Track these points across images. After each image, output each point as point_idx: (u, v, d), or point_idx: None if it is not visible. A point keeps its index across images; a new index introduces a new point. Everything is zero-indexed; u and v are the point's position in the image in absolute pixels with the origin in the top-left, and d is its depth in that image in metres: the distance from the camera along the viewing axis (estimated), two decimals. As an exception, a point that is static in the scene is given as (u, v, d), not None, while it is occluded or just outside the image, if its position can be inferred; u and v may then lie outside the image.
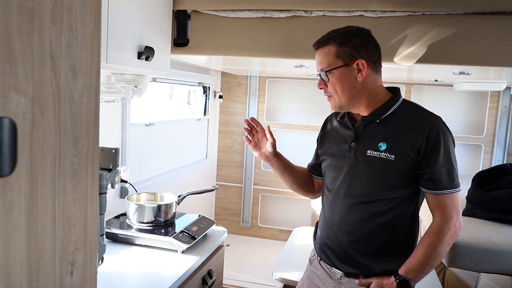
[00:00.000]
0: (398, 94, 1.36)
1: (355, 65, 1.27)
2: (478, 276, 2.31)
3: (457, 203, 1.28)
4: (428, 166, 1.25)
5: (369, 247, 1.33)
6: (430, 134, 1.25)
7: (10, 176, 0.48)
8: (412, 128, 1.27)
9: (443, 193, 1.27)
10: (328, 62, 1.29)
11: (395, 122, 1.30)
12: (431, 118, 1.28)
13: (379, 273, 1.33)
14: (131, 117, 2.22)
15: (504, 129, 3.24)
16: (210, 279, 1.60)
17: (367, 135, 1.33)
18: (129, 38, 1.46)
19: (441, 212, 1.28)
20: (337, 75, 1.29)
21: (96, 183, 0.66)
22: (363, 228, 1.32)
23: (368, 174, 1.31)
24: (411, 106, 1.35)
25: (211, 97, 3.42)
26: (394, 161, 1.27)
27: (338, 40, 1.28)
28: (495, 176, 2.04)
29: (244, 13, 1.72)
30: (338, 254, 1.38)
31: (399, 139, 1.27)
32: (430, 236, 1.28)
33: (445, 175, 1.26)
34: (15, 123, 0.48)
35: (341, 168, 1.37)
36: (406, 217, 1.32)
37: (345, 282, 1.37)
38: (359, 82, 1.29)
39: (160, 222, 1.67)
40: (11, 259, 0.50)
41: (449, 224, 1.27)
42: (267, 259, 3.23)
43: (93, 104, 0.64)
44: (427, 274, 1.32)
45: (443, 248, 1.27)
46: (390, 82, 3.32)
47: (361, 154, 1.32)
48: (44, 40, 0.52)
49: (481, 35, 1.55)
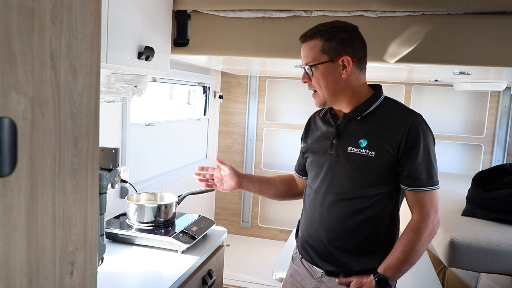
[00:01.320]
0: (380, 91, 1.36)
1: (340, 62, 1.27)
2: (478, 276, 2.31)
3: (436, 201, 1.28)
4: (408, 163, 1.25)
5: (350, 244, 1.33)
6: (410, 131, 1.25)
7: (10, 176, 0.48)
8: (393, 125, 1.27)
9: (421, 190, 1.27)
10: (314, 57, 1.29)
11: (376, 119, 1.31)
12: (412, 116, 1.28)
13: (359, 272, 1.33)
14: (131, 117, 2.22)
15: (504, 129, 3.23)
16: (210, 279, 1.60)
17: (349, 132, 1.33)
18: (129, 38, 1.46)
19: (420, 210, 1.28)
20: (321, 70, 1.29)
21: (96, 183, 0.66)
22: (343, 225, 1.33)
23: (348, 171, 1.31)
24: (392, 104, 1.35)
25: (211, 97, 3.42)
26: (374, 158, 1.27)
27: (325, 34, 1.27)
28: (495, 176, 2.04)
29: (244, 13, 1.72)
30: (319, 251, 1.38)
31: (379, 136, 1.28)
32: (408, 234, 1.28)
33: (424, 172, 1.26)
34: (15, 123, 0.48)
35: (323, 165, 1.37)
36: (386, 215, 1.33)
37: (326, 280, 1.38)
38: (343, 79, 1.28)
39: (160, 222, 1.67)
40: (11, 259, 0.50)
41: (427, 221, 1.27)
42: (267, 259, 3.23)
43: (93, 104, 0.64)
44: (407, 272, 1.31)
45: (421, 245, 1.27)
46: (390, 82, 3.32)
47: (342, 151, 1.32)
48: (44, 40, 0.52)
49: (481, 35, 1.55)
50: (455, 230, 1.77)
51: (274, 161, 3.71)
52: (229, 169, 1.56)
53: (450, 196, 2.31)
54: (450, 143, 3.35)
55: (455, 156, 3.38)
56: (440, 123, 3.32)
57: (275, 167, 3.68)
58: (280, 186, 1.61)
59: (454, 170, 3.35)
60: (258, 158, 3.68)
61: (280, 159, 3.68)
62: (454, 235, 1.73)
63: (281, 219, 3.71)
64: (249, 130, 3.67)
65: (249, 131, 3.67)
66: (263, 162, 3.70)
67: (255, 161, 3.69)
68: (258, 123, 3.65)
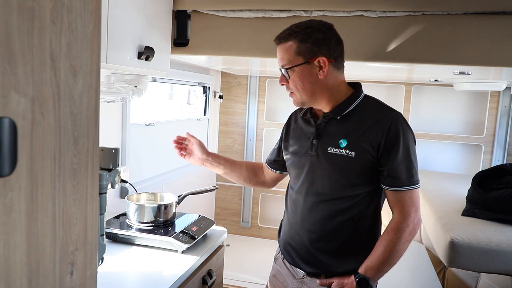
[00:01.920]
0: (360, 90, 1.35)
1: (316, 62, 1.25)
2: (478, 276, 2.31)
3: (416, 200, 1.28)
4: (387, 163, 1.25)
5: (331, 245, 1.33)
6: (389, 131, 1.24)
7: (10, 176, 0.48)
8: (372, 124, 1.26)
9: (401, 189, 1.26)
10: (289, 59, 1.27)
11: (356, 118, 1.29)
12: (391, 114, 1.27)
13: (341, 273, 1.32)
14: (131, 117, 2.22)
15: (504, 129, 3.23)
16: (210, 279, 1.60)
17: (329, 132, 1.32)
18: (129, 38, 1.46)
19: (400, 209, 1.27)
20: (298, 72, 1.27)
21: (96, 183, 0.66)
22: (324, 226, 1.32)
23: (329, 171, 1.30)
24: (372, 102, 1.33)
25: (211, 97, 3.42)
26: (354, 158, 1.26)
27: (299, 36, 1.25)
28: (495, 176, 2.04)
29: (244, 13, 1.72)
30: (300, 253, 1.38)
31: (359, 135, 1.27)
32: (389, 234, 1.27)
33: (404, 171, 1.25)
34: (15, 123, 0.48)
35: (303, 166, 1.36)
36: (367, 215, 1.32)
37: (308, 281, 1.38)
38: (321, 80, 1.27)
39: (160, 222, 1.67)
40: (11, 259, 0.50)
41: (407, 221, 1.26)
42: (267, 259, 3.22)
43: (93, 104, 0.64)
44: (387, 271, 1.31)
45: (402, 245, 1.26)
46: (390, 82, 3.32)
47: (322, 151, 1.31)
48: (44, 40, 0.52)
49: (481, 35, 1.55)
50: (455, 230, 1.77)
51: (274, 161, 3.70)
52: (197, 143, 1.60)
53: (450, 196, 2.32)
54: (450, 143, 3.35)
55: (455, 156, 3.38)
56: (440, 123, 3.32)
57: (275, 167, 3.68)
58: (245, 171, 1.63)
59: (454, 170, 3.35)
60: (258, 158, 3.68)
61: (280, 159, 3.68)
62: (454, 235, 1.73)
63: (281, 219, 3.71)
64: (249, 130, 3.67)
65: (249, 131, 3.67)
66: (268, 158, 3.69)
67: (255, 161, 3.69)
68: (258, 123, 3.65)
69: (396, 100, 3.36)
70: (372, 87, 3.37)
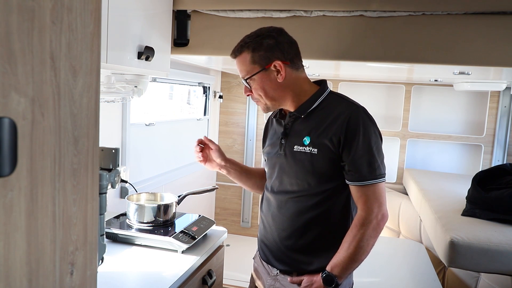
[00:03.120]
0: (325, 87, 1.36)
1: (273, 67, 1.28)
2: (478, 276, 2.31)
3: (380, 195, 1.26)
4: (348, 157, 1.25)
5: (301, 242, 1.33)
6: (349, 124, 1.24)
7: (10, 176, 0.48)
8: (333, 119, 1.27)
9: (363, 184, 1.25)
10: (247, 70, 1.31)
11: (319, 115, 1.31)
12: (351, 108, 1.27)
13: (313, 271, 1.32)
14: (131, 117, 2.22)
15: (504, 129, 3.23)
16: (210, 279, 1.60)
17: (295, 131, 1.34)
18: (129, 38, 1.46)
19: (363, 204, 1.26)
20: (257, 81, 1.30)
21: (96, 183, 0.66)
22: (294, 224, 1.33)
23: (295, 169, 1.32)
24: (336, 98, 1.34)
25: (211, 97, 3.42)
26: (317, 154, 1.27)
27: (251, 45, 1.28)
28: (495, 176, 2.04)
29: (244, 13, 1.72)
30: (273, 251, 1.40)
31: (321, 132, 1.28)
32: (353, 230, 1.26)
33: (365, 165, 1.24)
34: (15, 123, 0.48)
35: (274, 165, 1.39)
36: (337, 211, 1.32)
37: (281, 279, 1.39)
38: (281, 83, 1.29)
39: (160, 222, 1.67)
40: (11, 259, 0.50)
41: (370, 216, 1.25)
42: (267, 259, 3.22)
43: (93, 104, 0.64)
44: (353, 269, 1.31)
45: (366, 241, 1.25)
46: (390, 82, 3.32)
47: (289, 150, 1.33)
48: (44, 40, 0.52)
49: (481, 35, 1.55)
50: (455, 230, 1.77)
51: (274, 161, 3.70)
52: (216, 149, 1.55)
53: (450, 196, 2.32)
54: (450, 143, 3.35)
55: (455, 156, 3.38)
56: (440, 123, 3.32)
57: (275, 167, 3.68)
58: (259, 180, 1.61)
59: (454, 170, 3.35)
60: (258, 158, 3.68)
61: (280, 159, 3.68)
62: (454, 235, 1.73)
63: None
64: (249, 130, 3.67)
65: (249, 131, 3.67)
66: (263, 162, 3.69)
67: (255, 161, 3.69)
68: (258, 123, 3.65)
69: (396, 100, 3.36)
70: (372, 87, 3.37)
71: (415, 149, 3.39)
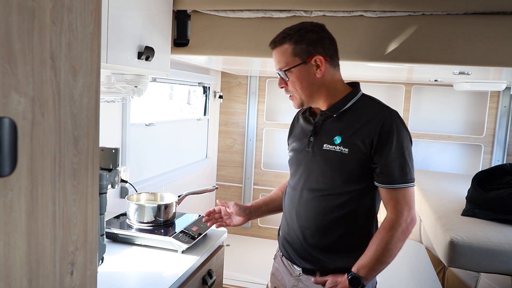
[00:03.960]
0: (357, 89, 1.36)
1: (313, 62, 1.28)
2: (478, 276, 2.31)
3: (410, 199, 1.27)
4: (380, 160, 1.25)
5: (325, 241, 1.33)
6: (383, 127, 1.24)
7: (10, 176, 0.48)
8: (367, 121, 1.27)
9: (394, 187, 1.26)
10: (286, 61, 1.29)
11: (351, 116, 1.31)
12: (386, 112, 1.28)
13: (335, 270, 1.32)
14: (131, 117, 2.22)
15: (504, 129, 3.23)
16: (210, 279, 1.60)
17: (325, 129, 1.34)
18: (129, 38, 1.46)
19: (393, 208, 1.27)
20: (296, 73, 1.29)
21: (96, 183, 0.66)
22: (318, 222, 1.33)
23: (323, 167, 1.32)
24: (368, 101, 1.35)
25: (211, 97, 3.42)
26: (347, 154, 1.27)
27: (294, 37, 1.28)
28: (495, 176, 2.04)
29: (244, 13, 1.72)
30: (296, 248, 1.39)
31: (353, 132, 1.28)
32: (381, 233, 1.27)
33: (397, 169, 1.25)
34: (15, 123, 0.48)
35: (300, 162, 1.38)
36: (361, 212, 1.32)
37: (304, 279, 1.38)
38: (318, 78, 1.29)
39: (160, 222, 1.67)
40: (11, 259, 0.50)
41: (399, 220, 1.25)
42: (267, 259, 3.22)
43: (93, 104, 0.64)
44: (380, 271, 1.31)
45: (394, 244, 1.25)
46: (390, 82, 3.32)
47: (318, 148, 1.33)
48: (44, 40, 0.52)
49: (481, 35, 1.55)
50: (455, 230, 1.77)
51: (274, 161, 3.70)
52: (234, 206, 1.55)
53: (450, 196, 2.31)
54: (450, 143, 3.35)
55: (455, 156, 3.38)
56: (440, 123, 3.32)
57: (275, 167, 3.68)
58: None
59: (454, 170, 3.35)
60: (258, 158, 3.68)
61: (280, 159, 3.68)
62: (454, 235, 1.73)
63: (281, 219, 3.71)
64: (249, 130, 3.67)
65: (249, 131, 3.67)
66: (263, 162, 3.69)
67: (255, 161, 3.69)
68: (258, 123, 3.65)
69: (396, 100, 3.36)
70: (372, 87, 3.37)
71: (415, 149, 3.37)
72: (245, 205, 1.57)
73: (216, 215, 1.60)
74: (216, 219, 1.60)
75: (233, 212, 1.55)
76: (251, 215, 1.57)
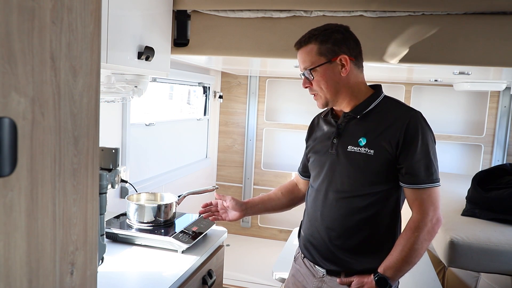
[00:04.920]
0: (380, 91, 1.37)
1: (338, 61, 1.29)
2: (478, 276, 2.31)
3: (435, 199, 1.27)
4: (406, 160, 1.25)
5: (350, 243, 1.33)
6: (408, 128, 1.25)
7: (10, 176, 0.48)
8: (391, 123, 1.28)
9: (420, 187, 1.26)
10: (312, 60, 1.31)
11: (375, 117, 1.32)
12: (410, 113, 1.29)
13: (361, 271, 1.32)
14: (131, 117, 2.22)
15: (504, 129, 3.24)
16: (210, 279, 1.60)
17: (349, 131, 1.34)
18: (129, 38, 1.46)
19: (418, 208, 1.27)
20: (321, 73, 1.30)
21: (96, 183, 0.66)
22: (344, 224, 1.33)
23: (348, 169, 1.32)
24: (392, 102, 1.36)
25: (211, 97, 3.42)
26: (373, 156, 1.27)
27: (319, 37, 1.29)
28: (495, 176, 2.04)
29: (244, 13, 1.72)
30: (320, 250, 1.38)
31: (378, 134, 1.28)
32: (407, 233, 1.27)
33: (423, 169, 1.26)
34: (15, 123, 0.48)
35: (324, 164, 1.38)
36: (387, 213, 1.33)
37: (328, 280, 1.38)
38: (343, 78, 1.30)
39: (160, 222, 1.67)
40: (11, 259, 0.50)
41: (425, 220, 1.26)
42: (267, 259, 3.23)
43: (93, 104, 0.64)
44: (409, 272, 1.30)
45: (420, 244, 1.26)
46: (390, 82, 3.32)
47: (342, 149, 1.33)
48: (44, 40, 0.52)
49: (481, 35, 1.55)
50: (455, 230, 1.77)
51: (274, 161, 3.71)
52: (231, 200, 1.55)
53: (450, 196, 2.31)
54: (450, 143, 3.35)
55: (455, 156, 3.38)
56: (440, 123, 3.32)
57: (275, 167, 3.68)
58: (283, 199, 1.61)
59: (454, 170, 3.35)
60: (258, 158, 3.68)
61: (280, 159, 3.68)
62: (454, 235, 1.73)
63: (281, 219, 3.71)
64: (249, 130, 3.67)
65: (249, 131, 3.67)
66: (263, 162, 3.69)
67: (255, 161, 3.69)
68: (258, 123, 3.65)
69: (396, 100, 3.36)
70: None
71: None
72: (241, 201, 1.57)
73: (212, 208, 1.59)
74: (212, 212, 1.59)
75: (229, 206, 1.55)
76: (247, 211, 1.57)
